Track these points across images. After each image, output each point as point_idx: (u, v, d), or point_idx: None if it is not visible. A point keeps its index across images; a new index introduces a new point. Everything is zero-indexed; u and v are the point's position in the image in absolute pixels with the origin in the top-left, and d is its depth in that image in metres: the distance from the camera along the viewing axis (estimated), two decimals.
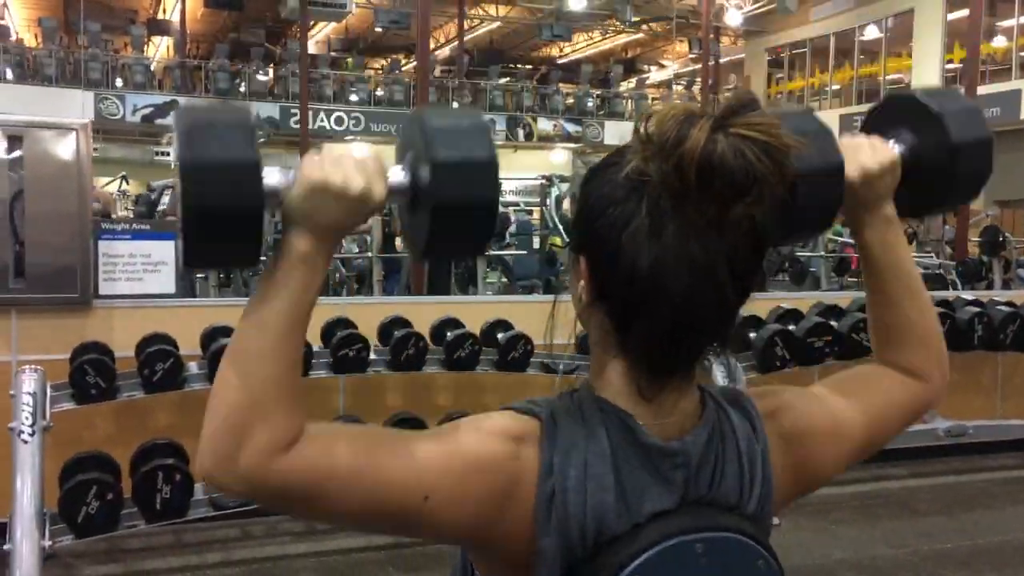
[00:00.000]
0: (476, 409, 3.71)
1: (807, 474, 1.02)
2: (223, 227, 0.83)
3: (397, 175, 0.92)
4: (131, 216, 15.89)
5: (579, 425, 0.88)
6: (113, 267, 4.44)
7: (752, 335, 5.01)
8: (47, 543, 3.63)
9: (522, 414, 0.90)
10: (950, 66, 22.46)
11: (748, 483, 0.92)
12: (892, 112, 1.16)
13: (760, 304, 5.54)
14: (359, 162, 0.87)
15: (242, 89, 23.97)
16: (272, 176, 0.85)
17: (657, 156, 0.84)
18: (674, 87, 30.97)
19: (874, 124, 1.15)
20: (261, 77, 24.41)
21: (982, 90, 19.40)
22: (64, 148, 4.19)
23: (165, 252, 4.48)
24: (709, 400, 0.94)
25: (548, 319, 0.98)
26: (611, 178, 0.87)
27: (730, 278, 0.86)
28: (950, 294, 6.09)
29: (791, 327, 5.09)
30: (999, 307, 5.44)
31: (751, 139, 0.82)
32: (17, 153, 4.14)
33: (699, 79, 24.70)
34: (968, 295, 6.02)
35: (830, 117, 25.41)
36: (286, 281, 0.86)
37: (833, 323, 5.16)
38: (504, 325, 4.68)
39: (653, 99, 27.55)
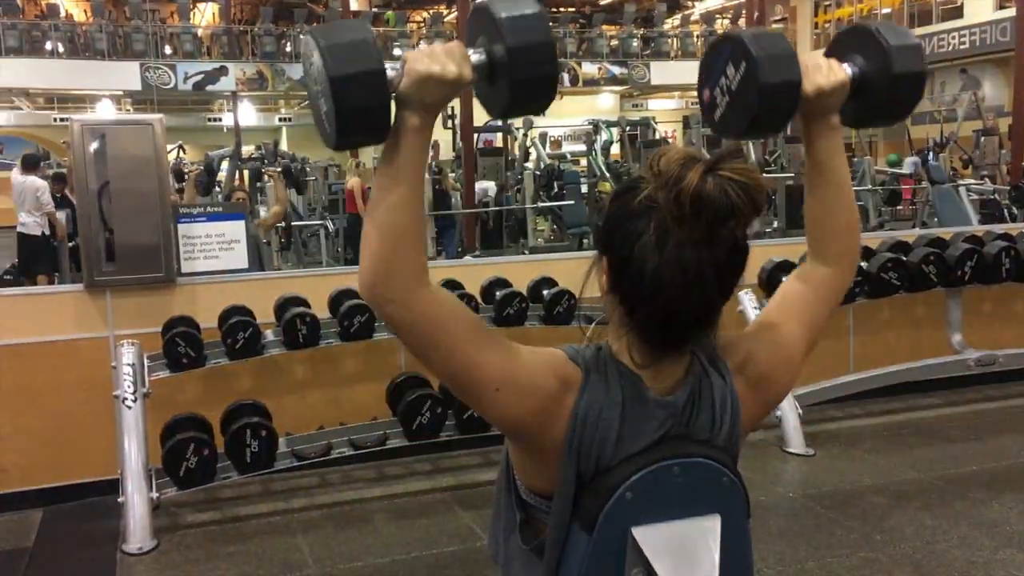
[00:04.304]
0: None
1: (769, 399, 1.35)
2: (363, 120, 1.15)
3: (476, 57, 1.21)
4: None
5: (602, 382, 1.21)
6: (192, 247, 4.87)
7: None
8: (155, 495, 4.14)
9: (574, 363, 1.23)
10: None
11: (719, 423, 1.26)
12: (852, 39, 1.38)
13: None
14: (449, 51, 1.16)
15: (288, 49, 24.26)
16: (388, 73, 1.16)
17: (662, 188, 1.15)
18: (718, 22, 30.43)
19: (836, 48, 1.40)
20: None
21: None
22: (142, 141, 4.60)
23: (237, 231, 4.90)
24: (696, 364, 1.26)
25: (584, 277, 1.27)
26: (630, 199, 1.19)
27: (715, 282, 1.17)
28: (980, 229, 6.23)
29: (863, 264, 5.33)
30: None
31: (733, 180, 1.12)
32: (101, 148, 4.57)
33: (744, 12, 24.30)
34: (999, 228, 6.17)
35: None
36: (405, 148, 1.19)
37: (863, 264, 5.40)
38: (549, 282, 5.03)
39: (697, 36, 27.13)
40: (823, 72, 1.30)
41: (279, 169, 8.95)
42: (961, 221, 11.92)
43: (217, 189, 13.96)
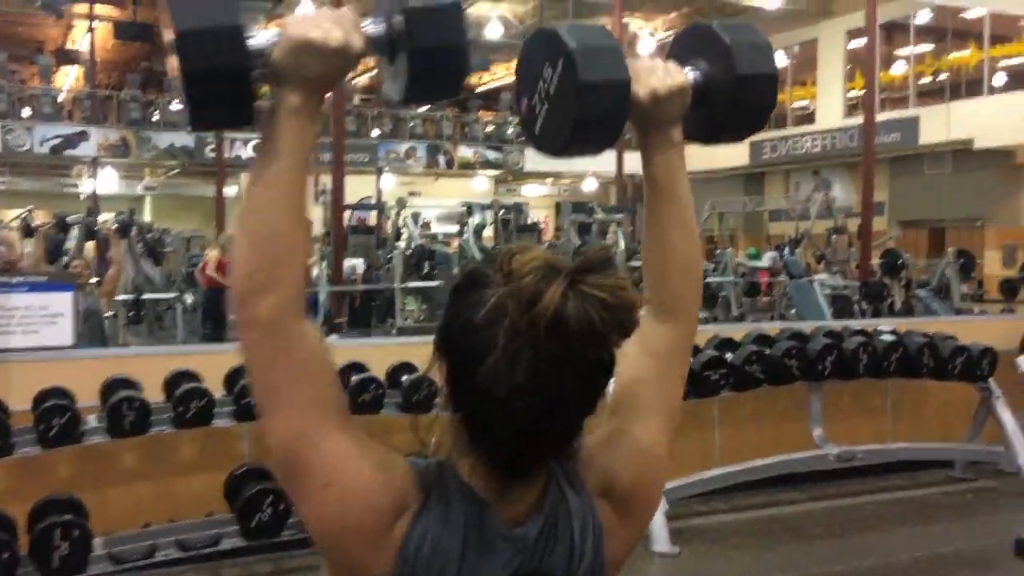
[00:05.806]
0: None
1: (644, 517, 1.14)
2: (215, 87, 0.91)
3: (374, 26, 1.01)
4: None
5: (442, 508, 0.99)
6: (9, 320, 4.38)
7: None
8: None
9: (417, 484, 1.00)
10: (853, 94, 23.36)
11: (578, 556, 1.03)
12: (692, 40, 1.21)
13: None
14: (336, 17, 0.97)
15: (155, 118, 23.56)
16: (260, 38, 0.93)
17: (514, 300, 0.92)
18: None
19: (675, 50, 1.21)
20: (175, 107, 24.04)
21: (883, 116, 20.26)
22: None
23: (63, 303, 4.44)
24: (552, 485, 1.04)
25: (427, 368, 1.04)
26: (474, 303, 0.96)
27: (577, 403, 0.97)
28: (838, 324, 6.37)
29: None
30: (883, 336, 5.73)
31: (598, 300, 0.92)
32: None
33: None
34: (856, 324, 6.32)
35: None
36: (283, 135, 0.96)
37: (728, 356, 5.37)
38: (409, 367, 4.76)
39: None
40: (658, 75, 1.13)
41: (115, 225, 8.31)
42: (816, 314, 12.37)
43: (64, 259, 13.14)
